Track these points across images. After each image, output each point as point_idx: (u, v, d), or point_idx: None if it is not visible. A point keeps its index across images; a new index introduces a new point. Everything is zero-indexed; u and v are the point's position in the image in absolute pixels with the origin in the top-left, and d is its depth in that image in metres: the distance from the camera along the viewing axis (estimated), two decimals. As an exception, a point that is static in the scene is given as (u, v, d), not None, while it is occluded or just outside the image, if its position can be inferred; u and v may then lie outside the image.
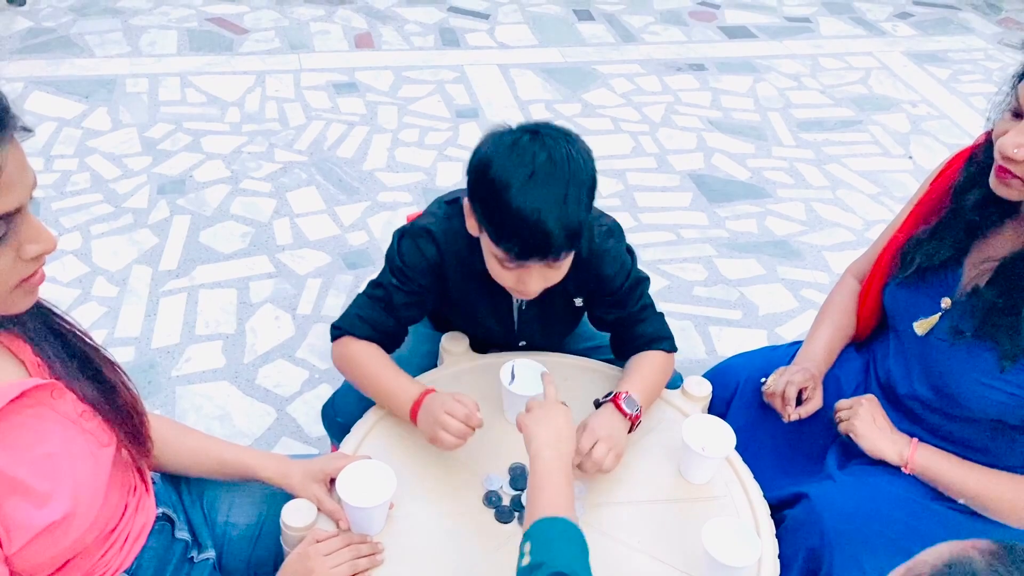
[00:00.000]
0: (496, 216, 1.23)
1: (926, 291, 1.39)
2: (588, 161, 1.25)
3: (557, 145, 1.22)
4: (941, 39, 4.24)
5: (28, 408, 0.98)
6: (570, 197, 1.21)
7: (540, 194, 1.19)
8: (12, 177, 0.83)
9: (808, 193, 3.06)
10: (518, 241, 1.22)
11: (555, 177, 1.20)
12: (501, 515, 1.31)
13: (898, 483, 1.38)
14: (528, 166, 1.19)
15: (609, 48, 3.89)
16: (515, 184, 1.19)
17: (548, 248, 1.22)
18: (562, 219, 1.20)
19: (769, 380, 1.49)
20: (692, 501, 1.37)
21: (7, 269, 0.86)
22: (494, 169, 1.21)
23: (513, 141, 1.22)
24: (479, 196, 1.25)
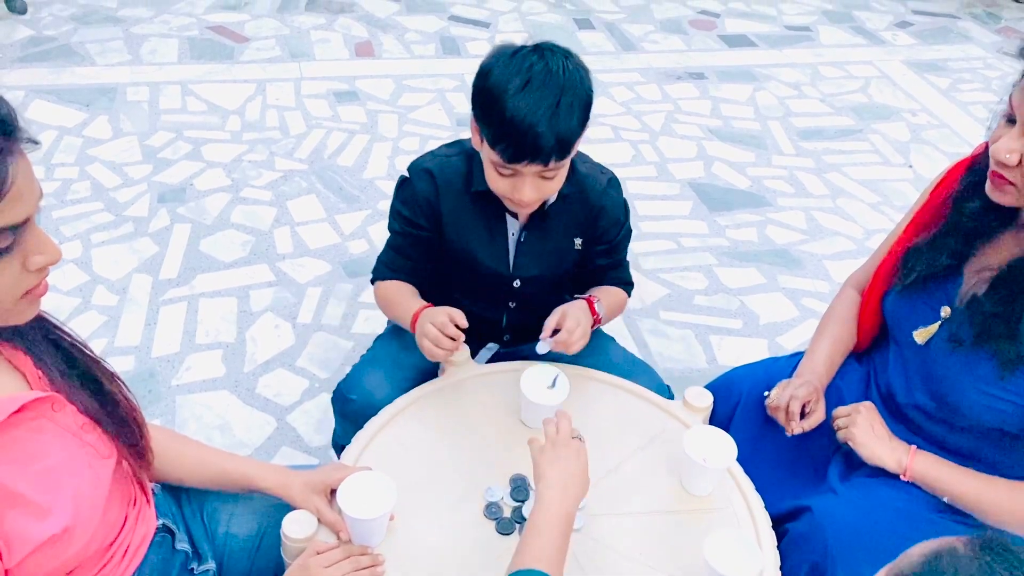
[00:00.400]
0: (492, 119, 1.30)
1: (926, 300, 1.39)
2: (585, 77, 1.33)
3: (555, 58, 1.30)
4: (941, 48, 4.24)
5: (29, 421, 0.97)
6: (562, 105, 1.28)
7: (534, 99, 1.27)
8: (21, 189, 0.84)
9: (808, 202, 3.06)
10: (511, 142, 1.30)
11: (549, 86, 1.27)
12: (502, 527, 1.31)
13: (901, 496, 1.37)
14: (525, 74, 1.28)
15: (609, 57, 3.89)
16: (511, 89, 1.27)
17: (539, 151, 1.29)
18: (553, 125, 1.28)
19: (772, 394, 1.49)
20: (693, 512, 1.36)
21: (13, 281, 0.87)
22: (493, 76, 1.30)
23: (514, 52, 1.31)
24: (479, 102, 1.34)
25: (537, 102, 1.26)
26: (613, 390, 1.56)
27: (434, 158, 1.53)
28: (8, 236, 0.84)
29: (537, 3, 4.30)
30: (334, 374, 2.22)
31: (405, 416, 1.47)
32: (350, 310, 2.42)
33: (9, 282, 0.87)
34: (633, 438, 1.47)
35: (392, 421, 1.46)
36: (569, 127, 1.29)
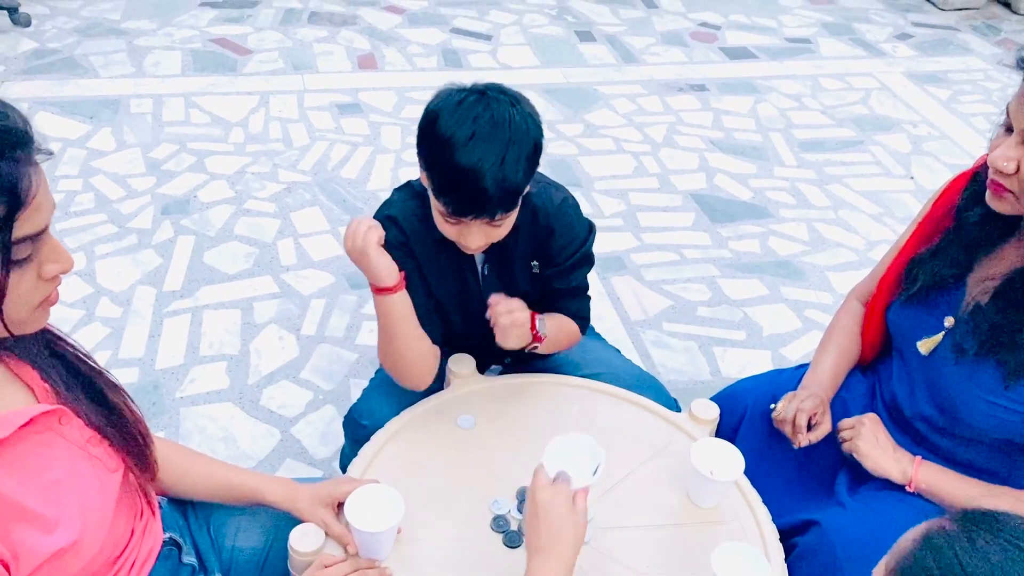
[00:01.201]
0: (437, 171, 1.29)
1: (929, 310, 1.40)
2: (532, 126, 1.30)
3: (500, 107, 1.27)
4: (941, 60, 4.26)
5: (36, 435, 0.98)
6: (508, 159, 1.26)
7: (479, 154, 1.24)
8: (40, 200, 0.85)
9: (810, 213, 3.06)
10: (456, 197, 1.29)
11: (495, 138, 1.25)
12: (509, 540, 1.31)
13: (911, 510, 1.37)
14: (470, 126, 1.25)
15: (611, 69, 3.91)
16: (456, 143, 1.25)
17: (484, 206, 1.28)
18: (498, 179, 1.26)
19: (779, 406, 1.49)
20: (700, 525, 1.36)
21: (30, 290, 0.88)
22: (439, 125, 1.27)
23: (460, 100, 1.28)
24: (424, 150, 1.32)
25: (482, 157, 1.24)
26: (619, 402, 1.56)
27: (391, 205, 1.48)
28: (28, 246, 0.85)
29: (538, 16, 4.32)
30: (338, 386, 2.22)
31: (411, 429, 1.47)
32: (354, 322, 2.43)
33: (27, 291, 0.88)
34: (640, 450, 1.47)
35: (398, 434, 1.46)
36: (515, 181, 1.28)
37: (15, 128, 0.84)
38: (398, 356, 1.46)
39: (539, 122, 1.32)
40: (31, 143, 0.85)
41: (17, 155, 0.83)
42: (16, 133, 0.84)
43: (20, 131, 0.84)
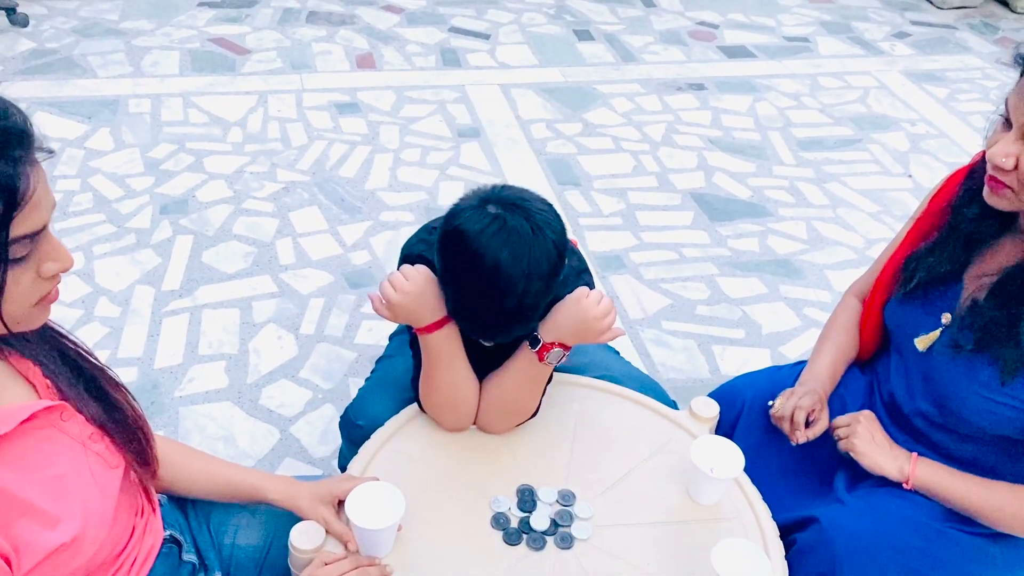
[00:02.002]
0: (454, 296, 1.30)
1: (927, 307, 1.40)
2: (554, 253, 1.25)
3: (522, 241, 1.21)
4: (939, 58, 4.27)
5: (37, 430, 0.98)
6: (526, 299, 1.24)
7: (497, 295, 1.22)
8: (40, 198, 0.84)
9: (809, 212, 3.07)
10: (472, 326, 1.32)
11: (515, 275, 1.21)
12: (509, 537, 1.30)
13: (910, 506, 1.37)
14: (492, 259, 1.20)
15: (609, 68, 3.91)
16: (477, 279, 1.22)
17: (498, 336, 1.34)
18: (514, 316, 1.26)
19: (776, 403, 1.49)
20: (701, 523, 1.36)
21: (28, 288, 0.88)
22: (459, 252, 1.24)
23: (481, 229, 1.21)
24: (443, 268, 1.30)
25: (499, 299, 1.23)
26: (619, 400, 1.56)
27: (427, 246, 1.42)
28: (26, 244, 0.85)
29: (537, 15, 4.32)
30: (337, 385, 2.22)
31: (411, 427, 1.47)
32: (353, 321, 2.42)
33: (26, 290, 0.87)
34: (640, 448, 1.47)
35: (398, 433, 1.46)
36: (532, 313, 1.28)
37: (15, 126, 0.83)
38: (453, 391, 1.41)
39: (562, 243, 1.27)
40: (31, 142, 0.85)
41: (16, 154, 0.83)
42: (15, 132, 0.83)
43: (20, 130, 0.84)
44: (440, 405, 1.44)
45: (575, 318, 1.32)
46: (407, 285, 1.31)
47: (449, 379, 1.40)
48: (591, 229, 2.88)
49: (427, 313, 1.34)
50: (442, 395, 1.43)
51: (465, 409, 1.44)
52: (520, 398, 1.43)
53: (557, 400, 1.52)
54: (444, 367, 1.39)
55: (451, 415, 1.45)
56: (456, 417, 1.45)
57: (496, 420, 1.45)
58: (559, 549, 1.30)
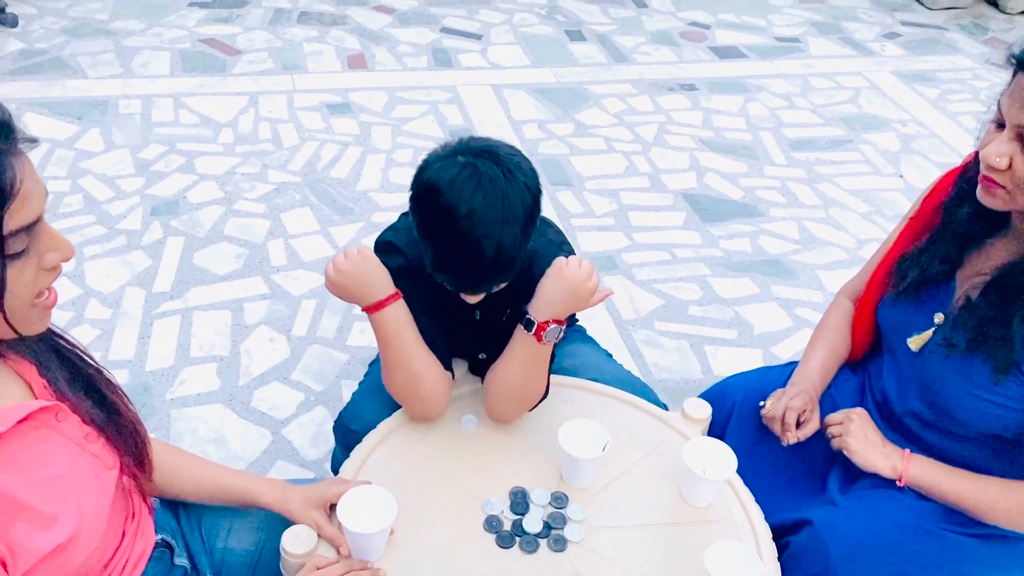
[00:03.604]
0: (433, 249, 1.29)
1: (919, 307, 1.40)
2: (528, 196, 1.26)
3: (496, 185, 1.22)
4: (929, 59, 4.28)
5: (34, 430, 0.97)
6: (504, 240, 1.23)
7: (475, 239, 1.22)
8: (29, 189, 0.84)
9: (800, 212, 3.07)
10: (452, 278, 1.32)
11: (491, 219, 1.22)
12: (502, 540, 1.30)
13: (903, 508, 1.37)
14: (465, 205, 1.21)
15: (601, 68, 3.91)
16: (453, 226, 1.22)
17: (480, 286, 1.33)
18: (496, 262, 1.25)
19: (767, 404, 1.49)
20: (694, 524, 1.36)
21: (32, 281, 0.87)
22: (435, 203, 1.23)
23: (452, 178, 1.22)
24: (419, 221, 1.29)
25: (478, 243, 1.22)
26: (611, 402, 1.56)
27: (396, 233, 1.45)
28: (24, 238, 0.84)
29: (529, 15, 4.31)
30: (329, 387, 2.22)
31: (403, 431, 1.47)
32: (345, 322, 2.42)
33: (29, 283, 0.87)
34: (632, 450, 1.47)
35: (390, 436, 1.46)
36: (512, 260, 1.27)
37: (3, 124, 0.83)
38: (410, 377, 1.40)
39: (535, 186, 1.28)
40: (13, 133, 0.84)
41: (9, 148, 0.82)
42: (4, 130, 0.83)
43: (1, 122, 0.83)
44: (400, 390, 1.42)
45: (562, 289, 1.31)
46: (344, 264, 1.33)
47: (402, 361, 1.39)
48: (583, 230, 2.88)
49: (367, 292, 1.35)
50: (398, 379, 1.41)
51: (428, 394, 1.41)
52: (526, 382, 1.42)
53: (549, 401, 1.52)
54: (396, 349, 1.38)
55: (413, 400, 1.43)
56: (419, 402, 1.42)
57: (507, 408, 1.45)
58: (552, 552, 1.30)
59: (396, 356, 1.39)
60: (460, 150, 1.26)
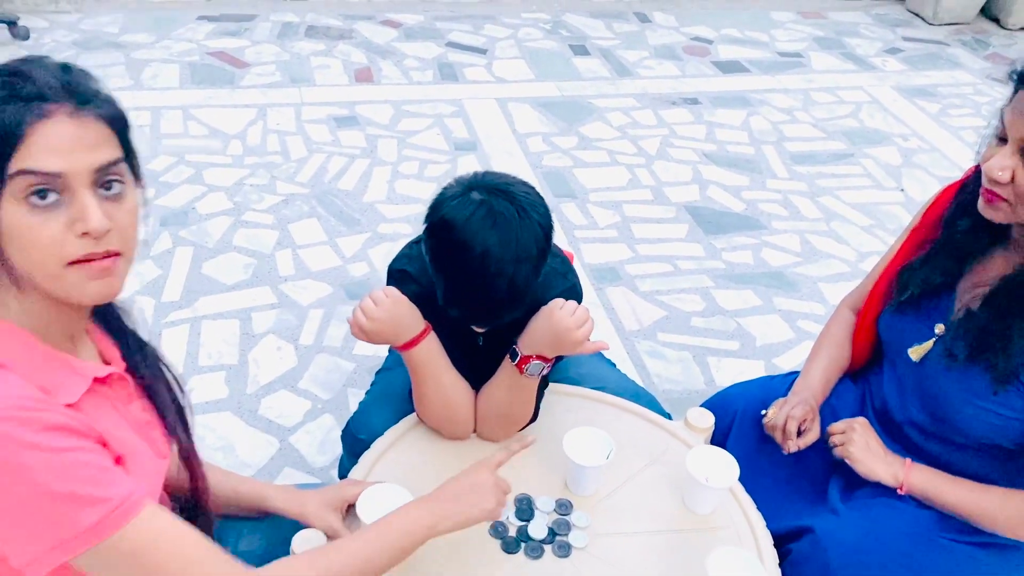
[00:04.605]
0: (444, 284, 1.31)
1: (920, 318, 1.43)
2: (540, 236, 1.27)
3: (511, 225, 1.24)
4: (930, 74, 4.32)
5: (109, 390, 1.01)
6: (517, 279, 1.25)
7: (488, 279, 1.24)
8: (51, 143, 0.86)
9: (802, 225, 3.10)
10: (464, 313, 1.34)
11: (505, 259, 1.23)
12: (507, 546, 1.32)
13: (904, 516, 1.39)
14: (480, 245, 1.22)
15: (605, 82, 3.95)
16: (466, 266, 1.24)
17: (491, 321, 1.37)
18: (507, 299, 1.27)
19: (769, 413, 1.51)
20: (696, 532, 1.38)
21: (56, 239, 0.87)
22: (448, 240, 1.25)
23: (468, 216, 1.24)
24: (432, 256, 1.31)
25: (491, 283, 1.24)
26: (615, 411, 1.58)
27: (408, 261, 1.46)
28: (25, 181, 0.85)
29: (533, 30, 4.36)
30: (336, 395, 2.24)
31: (409, 437, 1.49)
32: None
33: (51, 238, 0.87)
34: (636, 458, 1.49)
35: (397, 443, 1.48)
36: (522, 297, 1.29)
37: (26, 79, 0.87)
38: (444, 403, 1.43)
39: (548, 224, 1.29)
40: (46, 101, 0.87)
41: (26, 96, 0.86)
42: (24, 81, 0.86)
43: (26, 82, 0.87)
44: (435, 417, 1.47)
45: (549, 331, 1.33)
46: (376, 311, 1.33)
47: (438, 391, 1.42)
48: (587, 241, 2.91)
49: (401, 333, 1.36)
50: (434, 408, 1.45)
51: (461, 418, 1.46)
52: (510, 408, 1.45)
53: (554, 410, 1.54)
54: (431, 380, 1.41)
55: (448, 426, 1.47)
56: (453, 427, 1.47)
57: (494, 429, 1.47)
58: (557, 557, 1.32)
59: (431, 386, 1.42)
60: (475, 185, 1.27)
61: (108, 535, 0.88)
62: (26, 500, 0.85)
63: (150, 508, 0.92)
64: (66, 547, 0.87)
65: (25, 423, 0.84)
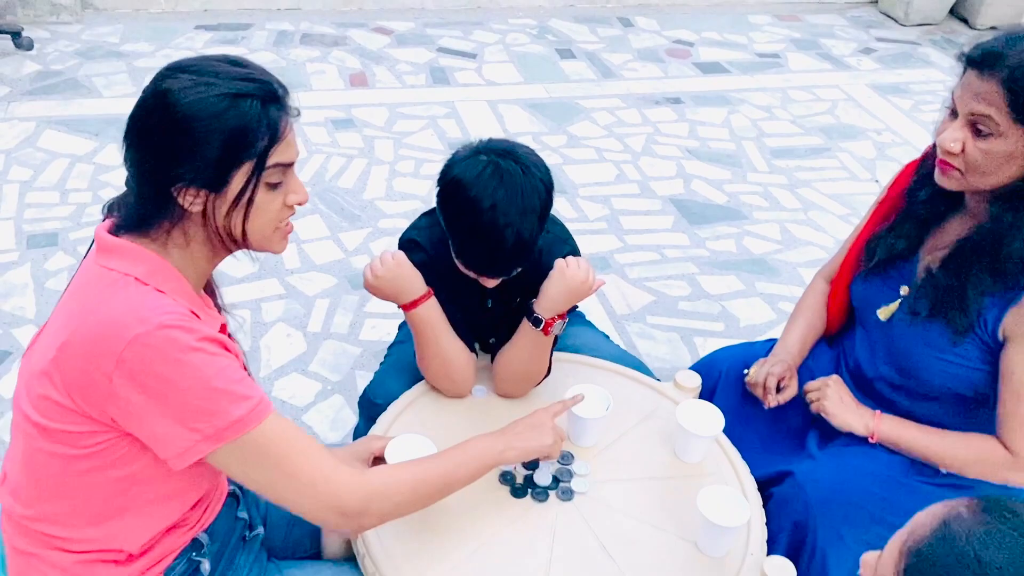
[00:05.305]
0: (458, 237, 1.46)
1: (887, 282, 1.57)
2: (543, 190, 1.44)
3: (515, 179, 1.40)
4: (903, 72, 4.49)
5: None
6: (524, 229, 1.40)
7: (498, 228, 1.38)
8: (291, 140, 1.12)
9: (782, 215, 3.25)
10: (473, 262, 1.48)
11: (512, 210, 1.38)
12: (515, 492, 1.46)
13: (874, 461, 1.54)
14: (489, 199, 1.37)
15: (591, 84, 4.10)
16: (477, 217, 1.38)
17: (502, 270, 1.49)
18: (516, 248, 1.41)
19: (751, 371, 1.66)
20: (686, 478, 1.52)
21: (276, 212, 1.15)
22: (461, 197, 1.40)
23: (478, 173, 1.39)
24: (445, 214, 1.46)
25: (501, 231, 1.38)
26: (611, 375, 1.72)
27: (417, 231, 1.61)
28: (280, 173, 1.13)
29: (520, 35, 4.51)
30: (345, 377, 2.37)
31: (423, 401, 1.62)
32: (357, 319, 2.58)
33: (273, 212, 1.15)
34: (630, 415, 1.62)
35: (411, 405, 1.61)
36: (529, 246, 1.43)
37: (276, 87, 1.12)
38: (442, 363, 1.57)
39: (548, 181, 1.45)
40: (280, 100, 1.12)
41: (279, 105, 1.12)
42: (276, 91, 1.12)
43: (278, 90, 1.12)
44: (435, 375, 1.61)
45: (564, 288, 1.49)
46: (381, 270, 1.50)
47: (437, 352, 1.57)
48: (578, 233, 2.99)
49: (402, 293, 1.52)
50: (434, 366, 1.59)
51: (458, 376, 1.60)
52: (531, 366, 1.60)
53: (555, 375, 1.68)
54: (431, 341, 1.56)
55: (446, 383, 1.61)
56: (451, 384, 1.61)
57: (514, 386, 1.63)
58: (560, 501, 1.45)
59: (430, 345, 1.56)
60: (482, 149, 1.44)
61: (251, 428, 1.08)
62: (191, 392, 1.04)
63: (275, 411, 1.12)
64: (218, 436, 1.07)
65: (189, 331, 1.05)
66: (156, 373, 1.03)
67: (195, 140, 1.07)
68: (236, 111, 1.08)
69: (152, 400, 1.04)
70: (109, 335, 1.04)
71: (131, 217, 1.14)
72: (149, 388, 1.04)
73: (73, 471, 1.13)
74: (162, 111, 1.09)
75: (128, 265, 1.11)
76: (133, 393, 1.04)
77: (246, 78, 1.10)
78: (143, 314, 1.05)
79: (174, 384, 1.04)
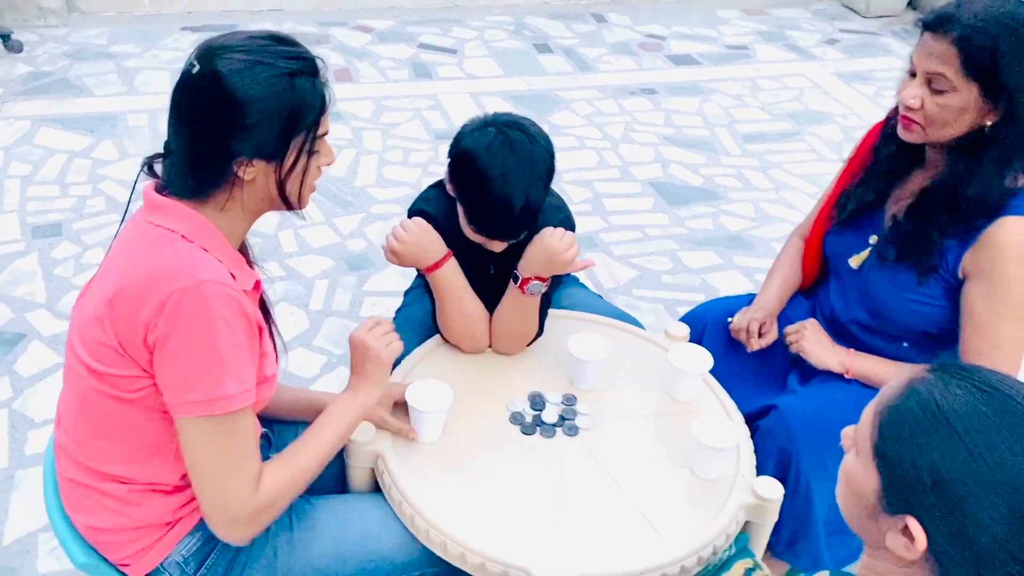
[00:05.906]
0: (470, 204, 1.57)
1: (857, 232, 1.72)
2: (548, 157, 1.55)
3: (523, 148, 1.51)
4: (865, 61, 4.69)
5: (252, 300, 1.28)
6: (532, 194, 1.52)
7: (508, 194, 1.49)
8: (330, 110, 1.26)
9: (755, 195, 3.42)
10: (487, 227, 1.57)
11: (521, 177, 1.49)
12: (525, 429, 1.58)
13: (851, 395, 1.68)
14: (500, 167, 1.48)
15: (568, 77, 4.24)
16: (489, 184, 1.49)
17: (511, 233, 1.58)
18: (524, 212, 1.52)
19: (735, 319, 1.80)
20: (679, 414, 1.65)
21: (312, 176, 1.27)
22: (473, 166, 1.51)
23: (488, 144, 1.51)
24: (458, 182, 1.57)
25: (511, 196, 1.48)
26: (606, 328, 1.85)
27: (426, 202, 1.69)
28: (321, 140, 1.26)
29: (498, 31, 4.65)
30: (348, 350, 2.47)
31: (435, 354, 1.75)
32: (356, 298, 2.69)
33: (311, 176, 1.28)
34: (625, 362, 1.76)
35: (425, 358, 1.73)
36: (536, 209, 1.53)
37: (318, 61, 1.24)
38: (464, 320, 1.67)
39: (552, 150, 1.56)
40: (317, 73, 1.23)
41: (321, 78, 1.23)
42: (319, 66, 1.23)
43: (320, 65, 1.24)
44: (456, 334, 1.72)
45: (542, 253, 1.60)
46: (405, 236, 1.61)
47: (459, 310, 1.68)
48: (563, 215, 3.18)
49: (426, 256, 1.63)
50: (456, 325, 1.70)
51: (479, 334, 1.72)
52: (517, 324, 1.72)
53: (555, 329, 1.81)
54: (453, 300, 1.67)
55: (467, 341, 1.73)
56: (472, 342, 1.73)
57: (506, 343, 1.74)
58: (567, 436, 1.58)
59: (453, 305, 1.67)
60: (490, 122, 1.56)
61: (234, 408, 1.18)
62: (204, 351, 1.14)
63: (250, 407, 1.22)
64: (210, 405, 1.16)
65: (223, 294, 1.15)
66: (187, 326, 1.14)
67: (258, 119, 1.17)
68: (293, 90, 1.18)
69: (176, 347, 1.15)
70: (155, 286, 1.15)
71: (184, 186, 1.24)
72: (176, 338, 1.14)
73: (120, 412, 1.24)
74: (219, 92, 1.17)
75: (175, 222, 1.22)
76: (165, 340, 1.15)
77: (296, 56, 1.20)
78: (189, 270, 1.16)
79: (196, 339, 1.14)
